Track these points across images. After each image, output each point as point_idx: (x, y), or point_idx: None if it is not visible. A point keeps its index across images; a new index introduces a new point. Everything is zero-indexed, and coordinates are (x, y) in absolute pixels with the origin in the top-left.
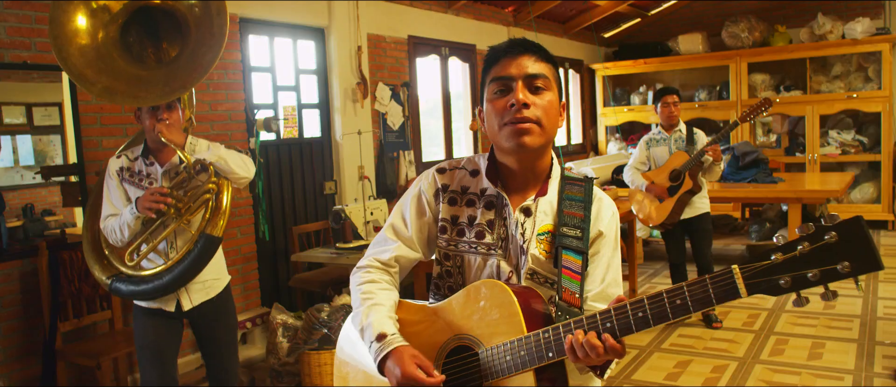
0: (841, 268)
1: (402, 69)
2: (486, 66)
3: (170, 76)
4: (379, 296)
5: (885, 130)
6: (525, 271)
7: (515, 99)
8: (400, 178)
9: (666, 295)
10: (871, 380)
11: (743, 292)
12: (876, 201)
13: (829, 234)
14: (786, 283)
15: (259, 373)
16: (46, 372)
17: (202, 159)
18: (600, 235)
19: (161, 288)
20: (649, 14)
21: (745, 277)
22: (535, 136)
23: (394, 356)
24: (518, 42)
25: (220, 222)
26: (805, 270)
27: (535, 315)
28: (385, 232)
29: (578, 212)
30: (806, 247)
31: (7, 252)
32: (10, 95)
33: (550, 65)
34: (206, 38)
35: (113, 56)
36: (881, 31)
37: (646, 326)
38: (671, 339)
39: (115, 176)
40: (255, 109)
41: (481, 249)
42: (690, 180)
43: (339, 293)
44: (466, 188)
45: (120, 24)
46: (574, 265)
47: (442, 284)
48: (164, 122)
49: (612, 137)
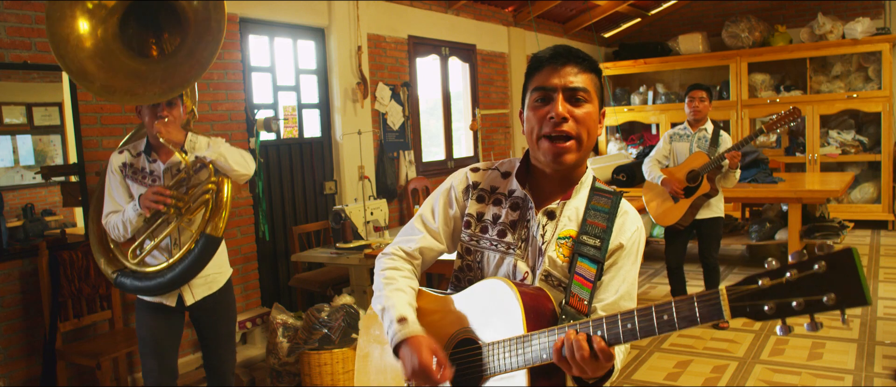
0: (826, 300)
1: (402, 69)
2: (529, 72)
3: (168, 72)
4: (400, 282)
5: (885, 130)
6: (540, 273)
7: (555, 112)
8: (400, 178)
9: (655, 310)
10: (871, 380)
11: (727, 314)
12: (876, 201)
13: (819, 263)
14: (770, 309)
15: (259, 373)
16: (46, 372)
17: (202, 157)
18: (621, 247)
19: (164, 285)
20: (649, 14)
21: (730, 299)
22: (572, 153)
23: (411, 343)
24: (562, 52)
25: (220, 222)
26: (790, 299)
27: (541, 317)
28: (414, 222)
29: (601, 223)
30: (794, 275)
31: (7, 252)
32: (10, 95)
33: (594, 75)
34: (204, 33)
35: (112, 50)
36: (881, 31)
37: (633, 338)
38: (671, 339)
39: (118, 172)
40: (255, 109)
41: (501, 247)
42: (708, 183)
43: (339, 293)
44: (495, 188)
45: (118, 17)
46: (587, 273)
47: (462, 277)
48: (163, 120)
49: (613, 137)
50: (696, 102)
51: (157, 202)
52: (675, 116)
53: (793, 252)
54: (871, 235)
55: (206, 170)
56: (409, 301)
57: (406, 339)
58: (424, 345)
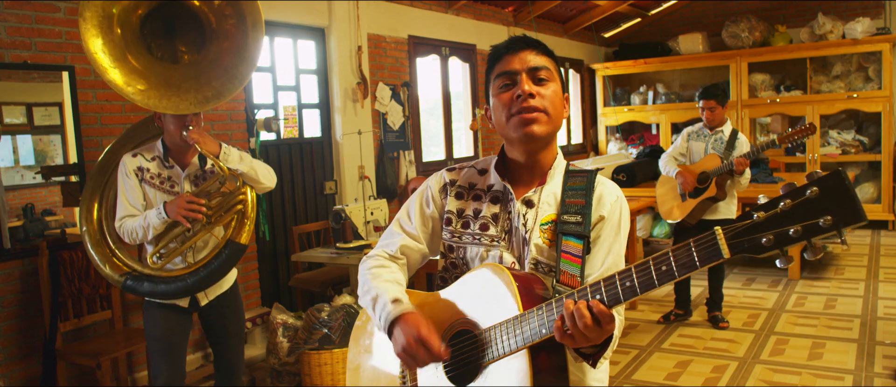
0: (823, 222)
1: (402, 69)
2: (489, 65)
3: (201, 83)
4: (387, 276)
5: (885, 130)
6: (528, 262)
7: (521, 89)
8: (400, 178)
9: (652, 261)
10: (872, 380)
11: (725, 252)
12: (876, 201)
13: (811, 189)
14: (768, 241)
15: (259, 373)
16: (46, 372)
17: (234, 170)
18: (602, 219)
19: (184, 289)
20: (649, 14)
21: (727, 237)
22: (543, 124)
23: (408, 318)
24: (518, 39)
25: (245, 230)
26: (787, 227)
27: (535, 298)
28: (391, 226)
29: (579, 200)
30: (787, 204)
31: (7, 252)
32: (10, 95)
33: (551, 58)
34: (241, 49)
35: (136, 53)
36: (881, 31)
37: (633, 294)
38: (671, 339)
39: (134, 176)
40: (256, 109)
41: (485, 240)
42: (715, 187)
43: (339, 293)
44: (474, 184)
45: (140, 14)
46: (574, 249)
47: (448, 276)
48: (191, 129)
49: (613, 137)
50: (707, 113)
51: (194, 212)
52: (675, 116)
53: (783, 185)
54: (871, 235)
55: (235, 180)
56: (399, 290)
57: (402, 315)
58: (422, 321)
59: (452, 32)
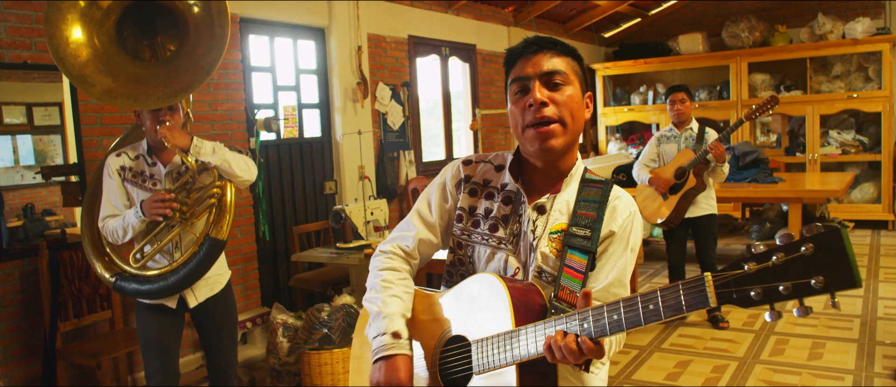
0: (814, 283)
1: (402, 69)
2: (506, 69)
3: (171, 77)
4: (397, 288)
5: (885, 130)
6: (533, 269)
7: (533, 98)
8: (400, 178)
9: (640, 300)
10: (872, 380)
11: (712, 300)
12: (876, 201)
13: (806, 245)
14: (757, 295)
15: (259, 373)
16: (46, 372)
17: (206, 162)
18: (612, 234)
19: (166, 289)
20: (649, 14)
21: (716, 285)
22: (559, 136)
23: (399, 361)
24: (532, 41)
25: (225, 225)
26: (777, 283)
27: (531, 312)
28: (410, 217)
29: (592, 212)
30: (780, 258)
31: (7, 252)
32: (10, 95)
33: (569, 58)
34: (207, 39)
35: (111, 54)
36: (881, 31)
37: (619, 329)
38: (671, 339)
39: (116, 175)
40: (256, 109)
41: (492, 241)
42: (695, 178)
43: (339, 293)
44: (488, 181)
45: (114, 19)
46: (577, 264)
47: (454, 271)
48: (165, 124)
49: (613, 137)
50: (677, 105)
51: (162, 209)
52: None
53: (780, 234)
54: (871, 235)
55: (210, 174)
56: (404, 312)
57: (395, 356)
58: (407, 371)
59: (452, 32)
